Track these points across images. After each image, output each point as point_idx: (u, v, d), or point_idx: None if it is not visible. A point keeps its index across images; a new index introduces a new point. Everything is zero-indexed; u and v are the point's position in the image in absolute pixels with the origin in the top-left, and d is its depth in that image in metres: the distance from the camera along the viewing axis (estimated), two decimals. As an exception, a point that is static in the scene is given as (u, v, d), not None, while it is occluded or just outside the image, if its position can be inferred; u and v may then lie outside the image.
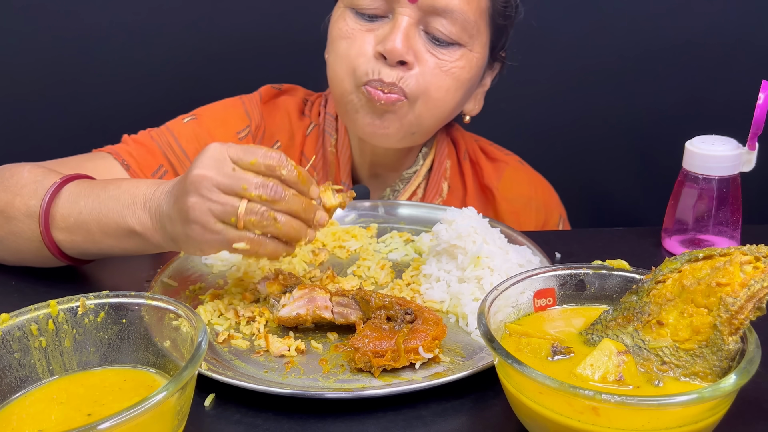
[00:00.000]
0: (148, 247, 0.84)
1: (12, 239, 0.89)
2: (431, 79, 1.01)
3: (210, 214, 0.73)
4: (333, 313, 0.78)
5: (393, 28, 0.99)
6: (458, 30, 1.00)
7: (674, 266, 0.62)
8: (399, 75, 0.99)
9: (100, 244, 0.85)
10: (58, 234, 0.86)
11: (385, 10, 1.01)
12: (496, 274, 0.82)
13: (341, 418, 0.66)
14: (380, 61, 1.00)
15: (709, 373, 0.58)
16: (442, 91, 1.03)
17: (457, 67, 1.02)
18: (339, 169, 1.17)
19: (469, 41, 1.02)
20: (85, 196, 0.85)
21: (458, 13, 0.99)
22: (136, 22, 1.58)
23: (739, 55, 1.62)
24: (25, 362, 0.63)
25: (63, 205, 0.85)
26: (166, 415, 0.55)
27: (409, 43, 0.99)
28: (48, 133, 1.64)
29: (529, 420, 0.59)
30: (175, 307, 0.65)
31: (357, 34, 1.02)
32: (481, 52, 1.05)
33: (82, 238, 0.85)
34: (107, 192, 0.84)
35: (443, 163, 1.21)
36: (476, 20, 1.01)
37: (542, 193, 1.27)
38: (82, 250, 0.88)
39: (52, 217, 0.85)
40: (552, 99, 1.69)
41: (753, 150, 0.93)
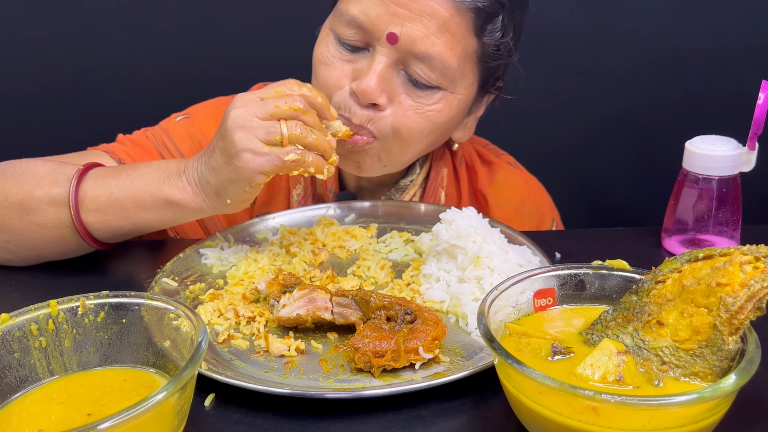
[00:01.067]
0: (186, 214, 0.89)
1: (34, 230, 0.90)
2: (404, 120, 0.97)
3: (257, 139, 0.82)
4: (333, 313, 0.78)
5: (369, 68, 0.95)
6: (438, 76, 0.95)
7: (674, 266, 0.62)
8: (369, 116, 0.96)
9: (135, 218, 0.88)
10: (89, 216, 0.88)
11: (365, 44, 0.97)
12: (496, 274, 0.82)
13: (341, 418, 0.66)
14: (353, 98, 0.97)
15: (709, 373, 0.58)
16: (414, 133, 0.99)
17: (434, 110, 0.98)
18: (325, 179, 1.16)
19: (450, 85, 0.98)
20: (113, 177, 0.89)
21: (438, 60, 0.94)
22: (132, 21, 1.58)
23: (739, 55, 1.62)
24: (25, 362, 0.63)
25: (91, 187, 0.88)
26: (166, 415, 0.55)
27: (383, 86, 0.95)
28: (43, 131, 1.65)
29: (529, 420, 0.59)
30: (175, 307, 0.65)
31: (336, 63, 0.99)
32: (465, 93, 1.01)
33: (114, 216, 0.88)
34: (136, 171, 0.89)
35: (440, 172, 1.19)
36: (459, 65, 0.96)
37: (535, 197, 1.26)
38: (114, 228, 0.90)
39: (81, 201, 0.88)
40: (552, 99, 1.69)
41: (753, 150, 0.93)
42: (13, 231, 0.91)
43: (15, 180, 0.91)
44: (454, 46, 0.94)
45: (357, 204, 1.10)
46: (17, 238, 0.91)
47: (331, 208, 1.09)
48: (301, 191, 1.16)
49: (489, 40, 0.98)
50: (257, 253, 0.96)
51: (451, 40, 0.93)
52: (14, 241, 0.92)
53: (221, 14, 1.60)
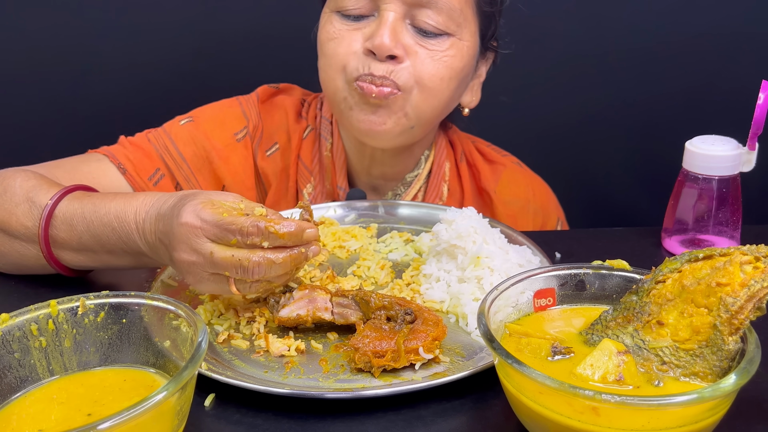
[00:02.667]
0: (159, 264, 0.86)
1: (16, 256, 0.90)
2: (423, 68, 1.01)
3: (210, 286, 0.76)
4: (333, 314, 0.78)
5: (380, 24, 0.99)
6: (445, 19, 1.00)
7: (674, 266, 0.62)
8: (390, 69, 0.99)
9: (108, 262, 0.87)
10: (63, 255, 0.87)
11: (370, 9, 1.01)
12: (496, 274, 0.82)
13: (341, 418, 0.66)
14: (369, 57, 1.00)
15: (709, 373, 0.58)
16: (436, 80, 1.02)
17: (449, 55, 1.02)
18: (335, 173, 1.17)
19: (457, 30, 1.02)
20: (79, 220, 0.84)
21: (443, 2, 0.99)
22: (136, 20, 1.58)
23: (739, 55, 1.62)
24: (25, 362, 0.63)
25: (60, 228, 0.85)
26: (166, 415, 0.55)
27: (397, 38, 0.99)
28: (44, 132, 1.64)
29: (529, 420, 0.59)
30: (175, 307, 0.65)
31: (344, 34, 1.02)
32: (470, 40, 1.05)
33: (89, 259, 0.87)
34: (99, 219, 0.83)
35: (442, 165, 1.20)
36: (462, 8, 1.01)
37: (540, 196, 1.26)
38: (90, 267, 0.90)
39: (53, 240, 0.86)
40: (552, 98, 1.69)
41: (753, 150, 0.93)
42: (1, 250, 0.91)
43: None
44: None
45: (357, 204, 1.10)
46: (3, 258, 0.92)
47: (331, 208, 1.09)
48: (312, 189, 1.16)
49: None
50: (257, 253, 0.96)
51: None
52: (1, 260, 0.92)
53: (224, 15, 1.60)
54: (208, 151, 1.12)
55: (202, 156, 1.12)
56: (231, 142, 1.14)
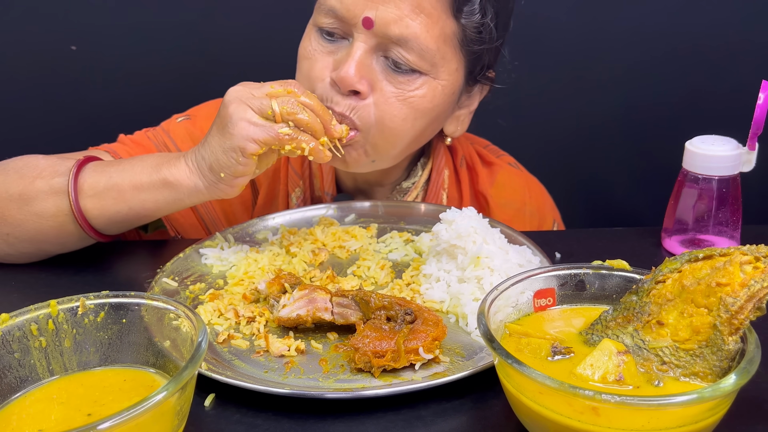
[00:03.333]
0: (182, 196, 0.90)
1: (33, 221, 0.91)
2: (386, 108, 0.96)
3: (251, 110, 0.85)
4: (333, 314, 0.78)
5: (347, 55, 0.94)
6: (416, 58, 0.94)
7: (674, 266, 0.62)
8: (351, 105, 0.95)
9: (131, 201, 0.90)
10: (87, 202, 0.90)
11: (344, 32, 0.97)
12: (496, 274, 0.82)
13: (341, 418, 0.66)
14: (334, 88, 0.96)
15: (709, 373, 0.58)
16: (397, 120, 0.97)
17: (417, 96, 0.97)
18: (322, 179, 1.15)
19: (431, 69, 0.96)
20: (113, 165, 0.93)
21: (414, 42, 0.93)
22: (134, 20, 1.58)
23: (739, 55, 1.62)
24: (25, 362, 0.63)
25: (90, 175, 0.91)
26: (166, 415, 0.55)
27: (363, 72, 0.94)
28: (44, 131, 1.65)
29: (529, 420, 0.59)
30: (175, 307, 0.65)
31: (318, 56, 0.99)
32: (448, 79, 0.99)
33: (112, 200, 0.90)
34: (134, 160, 0.92)
35: (441, 173, 1.18)
36: (439, 48, 0.95)
37: (536, 197, 1.25)
38: (111, 214, 0.91)
39: (80, 188, 0.90)
40: (552, 98, 1.69)
41: (753, 150, 0.93)
42: (12, 222, 0.92)
43: (16, 173, 0.93)
44: (431, 27, 0.94)
45: (357, 204, 1.10)
46: (16, 230, 0.92)
47: (331, 208, 1.09)
48: (300, 194, 1.16)
49: (468, 21, 0.97)
50: (257, 253, 0.96)
51: (426, 21, 0.93)
52: (13, 233, 0.93)
53: (223, 14, 1.60)
54: None
55: None
56: None
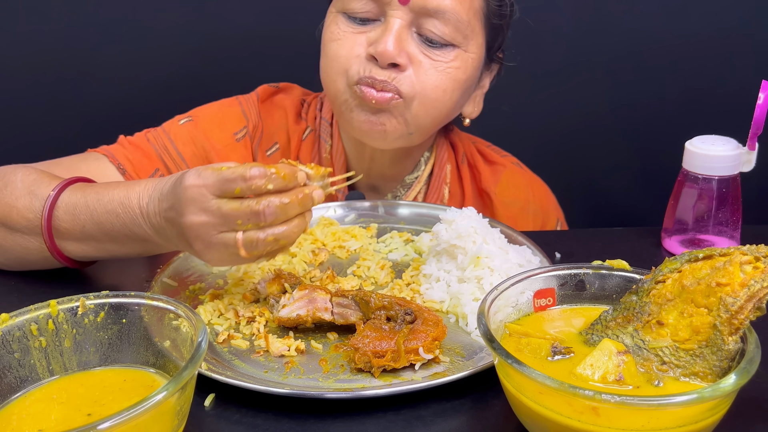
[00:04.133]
0: (162, 249, 0.87)
1: (18, 250, 0.89)
2: (426, 79, 1.00)
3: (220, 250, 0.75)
4: (333, 314, 0.78)
5: (385, 30, 0.97)
6: (451, 30, 0.98)
7: (674, 266, 0.62)
8: (392, 75, 0.98)
9: (114, 252, 0.87)
10: (67, 245, 0.87)
11: (376, 14, 0.99)
12: (496, 274, 0.82)
13: (341, 418, 0.66)
14: (372, 63, 0.98)
15: (709, 373, 0.58)
16: (439, 91, 1.01)
17: (453, 67, 1.01)
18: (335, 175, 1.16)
19: (463, 42, 1.01)
20: (82, 210, 0.84)
21: (450, 13, 0.97)
22: (135, 19, 1.58)
23: (739, 54, 1.62)
24: (25, 362, 0.63)
25: (63, 218, 0.85)
26: (166, 415, 0.55)
27: (401, 46, 0.97)
28: (45, 132, 1.64)
29: (529, 420, 0.59)
30: (175, 307, 0.65)
31: (348, 36, 1.01)
32: (476, 52, 1.04)
33: (92, 249, 0.87)
34: (102, 206, 0.83)
35: (443, 168, 1.20)
36: (470, 20, 1.00)
37: (540, 196, 1.26)
38: (94, 257, 0.89)
39: (56, 230, 0.85)
40: (551, 98, 1.69)
41: (753, 150, 0.93)
42: (3, 244, 0.90)
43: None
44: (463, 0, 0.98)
45: (357, 204, 1.10)
46: (5, 253, 0.91)
47: (331, 208, 1.09)
48: None
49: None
50: (257, 253, 0.96)
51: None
52: (3, 255, 0.92)
53: (224, 14, 1.60)
54: (207, 151, 1.12)
55: (201, 156, 1.12)
56: (230, 142, 1.14)
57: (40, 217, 0.85)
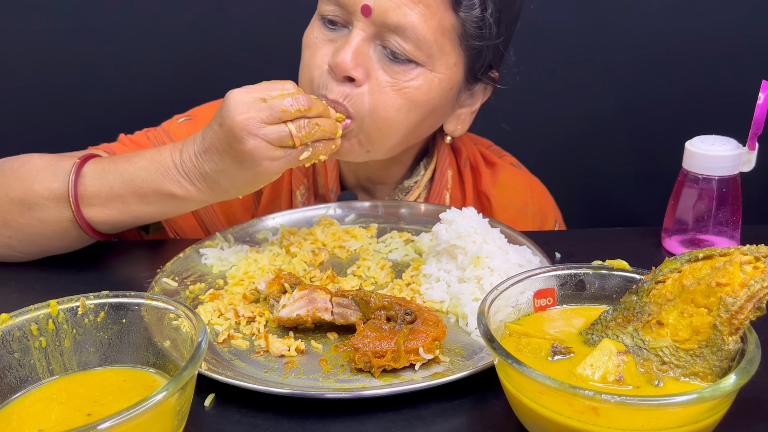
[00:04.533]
0: (190, 206, 0.90)
1: (36, 225, 0.90)
2: (379, 97, 0.96)
3: (271, 147, 0.83)
4: (333, 314, 0.78)
5: (345, 42, 0.95)
6: (413, 48, 0.94)
7: (674, 266, 0.62)
8: (345, 92, 0.95)
9: (137, 212, 0.89)
10: (90, 211, 0.89)
11: (345, 21, 0.97)
12: (496, 274, 0.82)
13: (341, 418, 0.66)
14: (330, 74, 0.96)
15: (709, 373, 0.58)
16: (391, 111, 0.97)
17: (412, 87, 0.96)
18: (326, 176, 1.15)
19: (427, 61, 0.96)
20: (110, 171, 0.89)
21: (411, 30, 0.93)
22: (135, 19, 1.58)
23: (739, 55, 1.62)
24: (25, 362, 0.63)
25: (90, 182, 0.89)
26: (166, 415, 0.55)
27: (359, 60, 0.94)
28: (44, 130, 1.65)
29: (529, 420, 0.59)
30: (175, 307, 0.65)
31: (319, 44, 0.99)
32: (445, 73, 0.99)
33: (116, 211, 0.89)
34: (133, 165, 0.89)
35: (445, 173, 1.17)
36: (436, 39, 0.95)
37: (538, 198, 1.25)
38: (116, 222, 0.91)
39: (82, 196, 0.88)
40: (551, 98, 1.69)
41: (753, 150, 0.93)
42: (15, 226, 0.91)
43: (14, 175, 0.92)
44: (429, 18, 0.94)
45: (357, 204, 1.10)
46: (19, 234, 0.92)
47: (331, 208, 1.09)
48: (305, 191, 1.16)
49: (467, 15, 0.97)
50: (257, 253, 0.96)
51: (425, 11, 0.93)
52: (16, 236, 0.92)
53: (225, 15, 1.60)
54: None
55: None
56: None
57: (66, 184, 0.88)
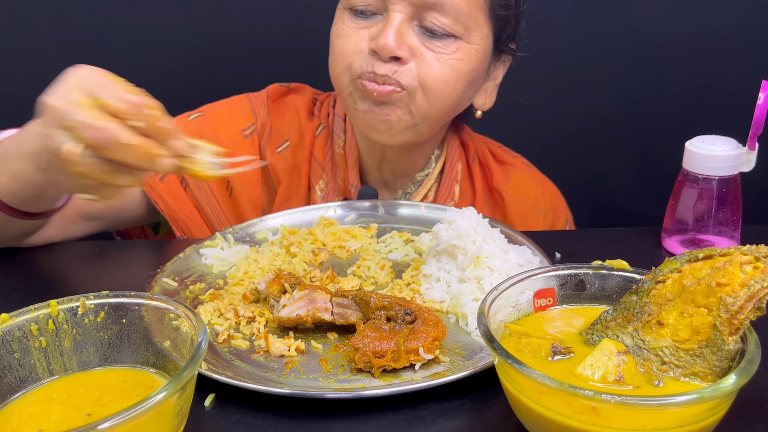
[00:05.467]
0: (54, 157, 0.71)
1: None
2: (428, 71, 1.01)
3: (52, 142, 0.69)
4: (333, 314, 0.78)
5: (385, 25, 0.99)
6: (452, 22, 0.99)
7: (674, 266, 0.62)
8: (393, 69, 0.99)
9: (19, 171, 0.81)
10: None
11: (379, 8, 1.01)
12: (496, 274, 0.82)
13: (341, 418, 0.66)
14: (374, 57, 1.00)
15: (709, 373, 0.58)
16: (440, 83, 1.02)
17: (455, 58, 1.02)
18: (347, 171, 1.17)
19: (465, 33, 1.01)
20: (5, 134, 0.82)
21: (449, 5, 0.98)
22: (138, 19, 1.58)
23: (740, 55, 1.62)
24: (25, 362, 0.63)
25: None
26: (166, 415, 0.55)
27: (402, 39, 0.99)
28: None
29: (529, 420, 0.59)
30: (175, 307, 0.65)
31: (351, 32, 1.03)
32: (481, 44, 1.04)
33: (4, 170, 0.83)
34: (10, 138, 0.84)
35: (454, 166, 1.20)
36: (471, 11, 1.01)
37: (550, 196, 1.28)
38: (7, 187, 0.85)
39: None
40: (551, 98, 1.69)
41: (753, 150, 0.93)
42: None
43: None
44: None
45: (357, 204, 1.10)
46: None
47: (331, 208, 1.09)
48: (324, 186, 1.17)
49: None
50: (257, 253, 0.96)
51: None
52: None
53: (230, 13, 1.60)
54: None
55: None
56: (238, 138, 1.15)
57: None
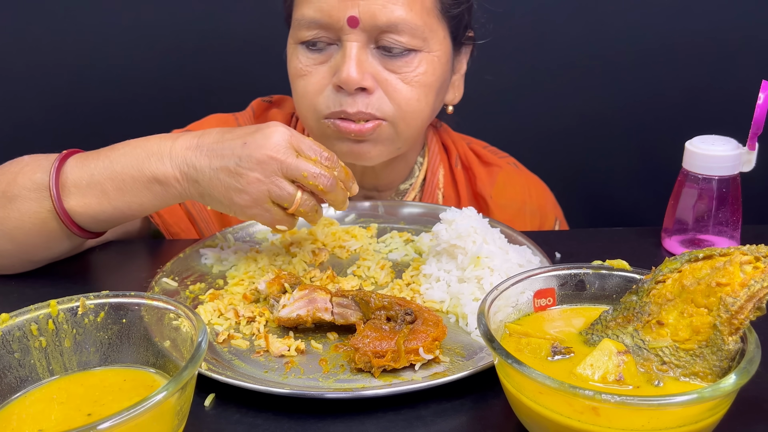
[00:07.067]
0: (167, 198, 0.86)
1: (15, 217, 0.87)
2: (397, 95, 0.98)
3: (267, 194, 0.82)
4: (333, 314, 0.78)
5: (344, 57, 0.96)
6: (408, 38, 0.96)
7: (674, 266, 0.62)
8: (364, 102, 0.97)
9: (116, 201, 0.86)
10: (71, 200, 0.86)
11: (332, 39, 0.98)
12: (496, 274, 0.82)
13: (341, 418, 0.66)
14: (340, 93, 0.97)
15: (709, 373, 0.58)
16: (413, 102, 0.99)
17: (419, 73, 0.99)
18: None
19: (423, 45, 0.98)
20: (93, 159, 0.86)
21: (403, 24, 0.95)
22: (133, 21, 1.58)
23: (740, 54, 1.62)
24: (25, 362, 0.63)
25: (72, 171, 0.86)
26: (166, 415, 0.55)
27: (363, 68, 0.96)
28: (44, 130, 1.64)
29: (529, 420, 0.59)
30: (175, 307, 0.65)
31: (311, 70, 1.00)
32: (441, 49, 1.02)
33: (96, 200, 0.86)
34: (117, 151, 0.86)
35: (436, 173, 1.19)
36: (425, 22, 0.98)
37: (537, 196, 1.25)
38: (95, 213, 0.87)
39: (63, 185, 0.85)
40: (551, 98, 1.69)
41: (753, 150, 0.93)
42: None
43: (1, 170, 0.90)
44: (413, 5, 0.96)
45: (357, 204, 1.10)
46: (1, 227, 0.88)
47: (331, 208, 1.09)
48: None
49: None
50: (257, 253, 0.96)
51: (407, 0, 0.95)
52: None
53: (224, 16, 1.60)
54: None
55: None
56: None
57: (48, 174, 0.85)
